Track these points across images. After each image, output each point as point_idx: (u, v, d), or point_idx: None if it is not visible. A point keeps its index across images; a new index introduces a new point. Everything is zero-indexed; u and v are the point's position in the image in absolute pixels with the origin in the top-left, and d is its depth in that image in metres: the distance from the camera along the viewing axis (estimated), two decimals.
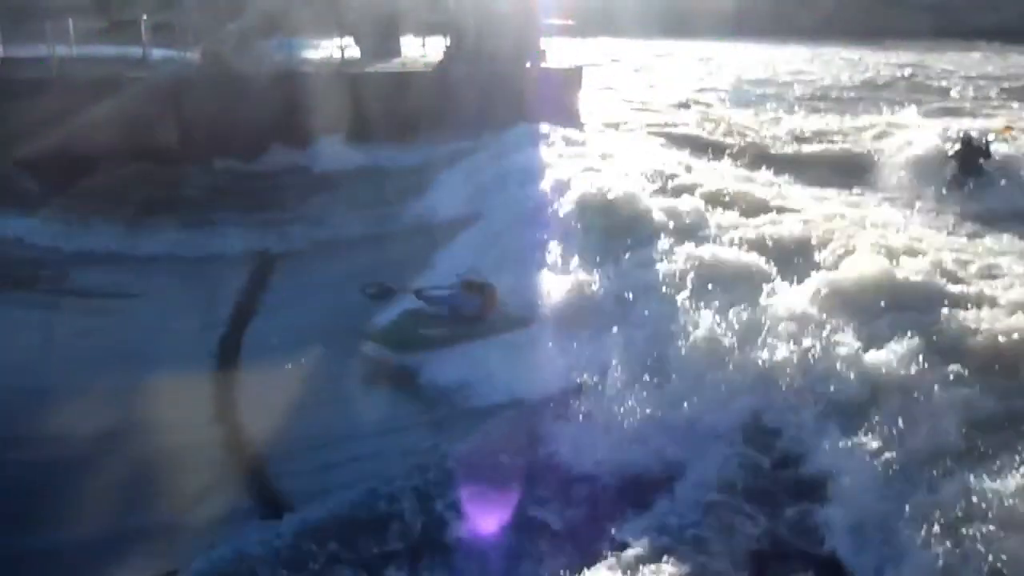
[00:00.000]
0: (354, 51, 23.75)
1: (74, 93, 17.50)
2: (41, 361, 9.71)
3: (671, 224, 10.93)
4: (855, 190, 16.14)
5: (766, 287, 8.68)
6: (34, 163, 16.12)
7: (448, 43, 22.42)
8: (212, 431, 7.94)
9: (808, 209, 12.88)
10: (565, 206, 12.08)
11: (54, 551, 6.08)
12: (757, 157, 18.23)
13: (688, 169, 15.49)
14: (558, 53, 22.66)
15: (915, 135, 18.34)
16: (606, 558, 5.55)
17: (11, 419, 8.11)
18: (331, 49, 23.23)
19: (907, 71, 34.78)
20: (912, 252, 9.78)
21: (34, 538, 6.18)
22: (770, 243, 10.36)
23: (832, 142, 19.91)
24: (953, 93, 29.40)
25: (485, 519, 5.97)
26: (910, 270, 8.97)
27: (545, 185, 13.49)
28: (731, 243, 10.33)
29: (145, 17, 20.70)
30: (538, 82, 20.43)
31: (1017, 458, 5.80)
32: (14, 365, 9.34)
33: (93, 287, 12.32)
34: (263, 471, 7.41)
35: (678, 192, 12.96)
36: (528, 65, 20.77)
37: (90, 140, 16.79)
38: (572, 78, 21.95)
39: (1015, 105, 25.59)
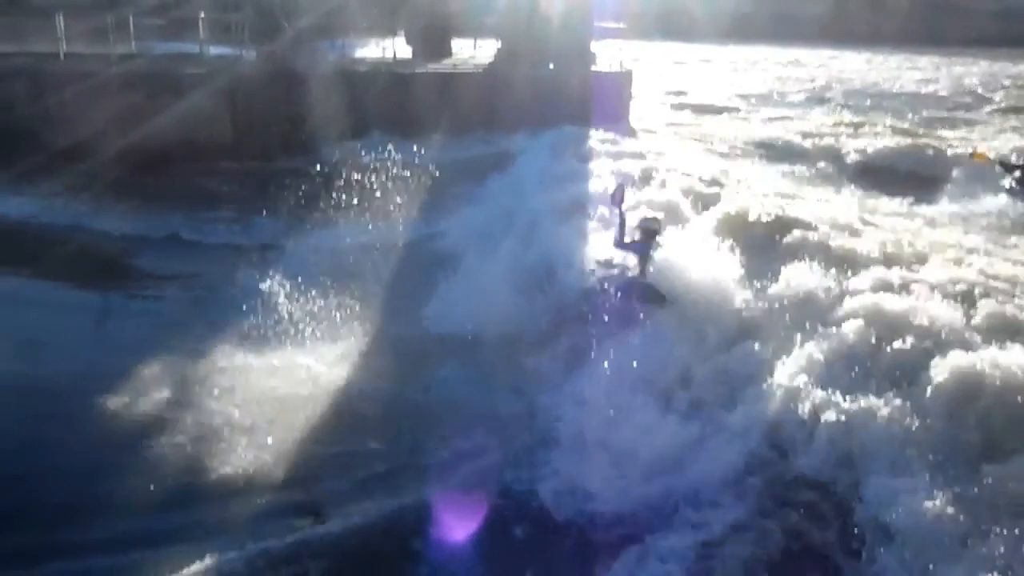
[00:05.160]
0: (406, 52, 24.03)
1: (133, 89, 18.00)
2: (117, 344, 9.99)
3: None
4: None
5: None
6: (103, 160, 16.58)
7: (499, 45, 22.52)
8: (256, 423, 7.91)
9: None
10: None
11: (86, 537, 6.14)
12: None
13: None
14: (610, 56, 22.56)
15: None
16: None
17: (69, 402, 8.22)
18: (384, 50, 23.49)
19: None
20: None
21: (65, 526, 6.27)
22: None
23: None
24: None
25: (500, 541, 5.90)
26: None
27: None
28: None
29: (203, 15, 21.14)
30: (587, 85, 20.33)
31: None
32: (94, 349, 9.75)
33: (162, 274, 12.90)
34: (302, 471, 7.41)
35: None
36: (551, 66, 20.68)
37: (150, 136, 17.21)
38: (622, 81, 21.80)
39: None
